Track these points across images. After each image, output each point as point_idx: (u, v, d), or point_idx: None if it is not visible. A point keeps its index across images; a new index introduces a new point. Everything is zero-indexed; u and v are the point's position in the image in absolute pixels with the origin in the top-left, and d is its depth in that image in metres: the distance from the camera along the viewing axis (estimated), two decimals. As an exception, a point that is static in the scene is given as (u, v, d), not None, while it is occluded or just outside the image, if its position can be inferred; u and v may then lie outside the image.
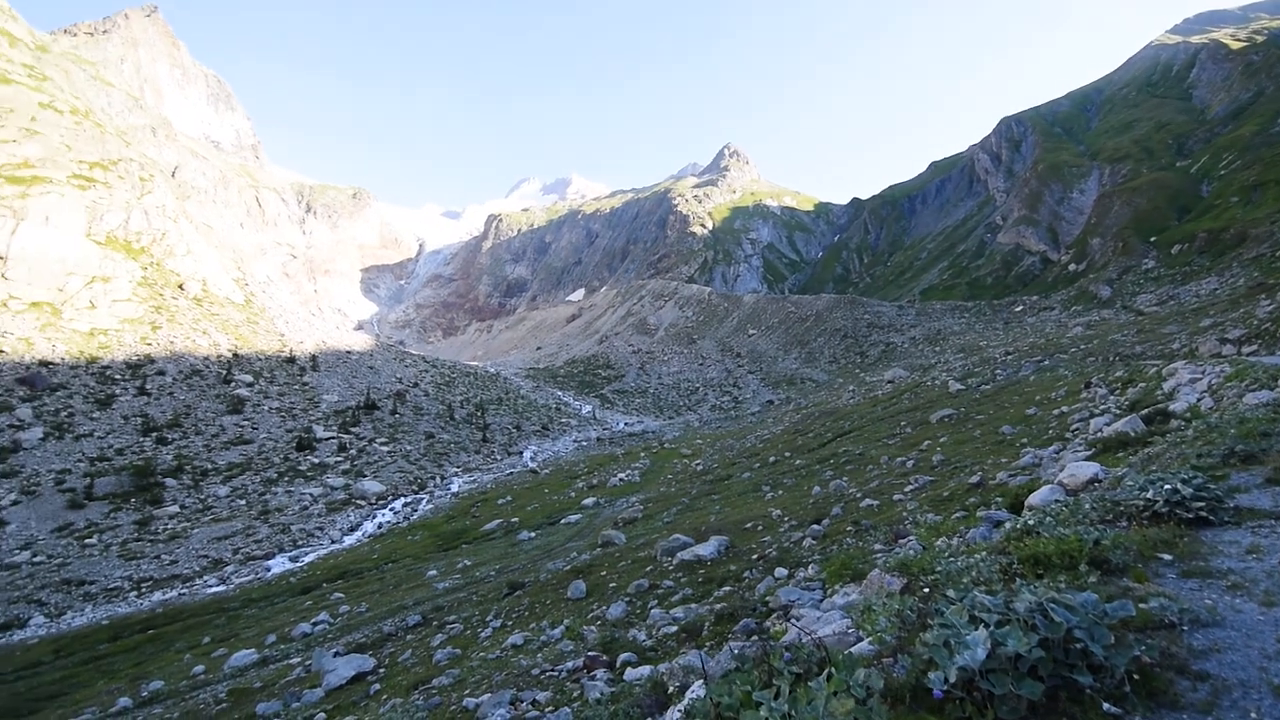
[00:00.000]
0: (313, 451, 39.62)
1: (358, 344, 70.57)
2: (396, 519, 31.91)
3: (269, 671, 12.76)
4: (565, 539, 20.61)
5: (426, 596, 16.33)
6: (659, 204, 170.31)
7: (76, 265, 48.81)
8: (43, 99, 60.92)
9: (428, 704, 7.70)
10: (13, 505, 29.36)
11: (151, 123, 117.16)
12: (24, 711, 13.92)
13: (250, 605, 19.78)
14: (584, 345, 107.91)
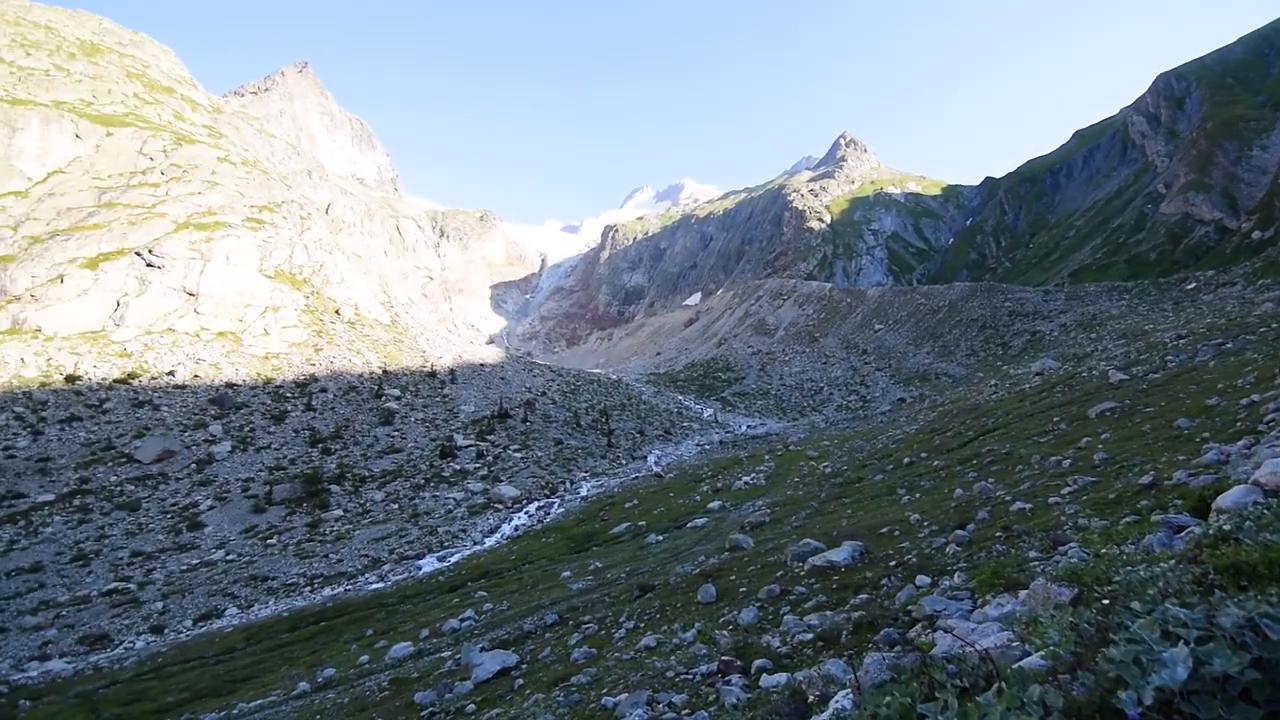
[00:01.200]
0: (454, 459, 42.34)
1: (490, 357, 74.74)
2: (531, 522, 33.37)
3: (424, 663, 13.69)
4: (692, 542, 20.60)
5: (562, 597, 16.90)
6: (773, 201, 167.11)
7: (252, 297, 55.35)
8: (219, 154, 69.67)
9: (568, 700, 7.95)
10: (209, 510, 33.70)
11: (307, 166, 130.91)
12: (224, 691, 15.84)
13: (405, 601, 21.40)
14: (703, 349, 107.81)
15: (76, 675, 18.62)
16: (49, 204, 54.60)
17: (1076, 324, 60.80)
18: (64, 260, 49.51)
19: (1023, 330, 66.74)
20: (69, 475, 34.93)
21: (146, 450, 37.69)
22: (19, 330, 44.62)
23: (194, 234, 55.48)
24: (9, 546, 29.34)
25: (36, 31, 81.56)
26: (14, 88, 66.75)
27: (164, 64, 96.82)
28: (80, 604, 25.41)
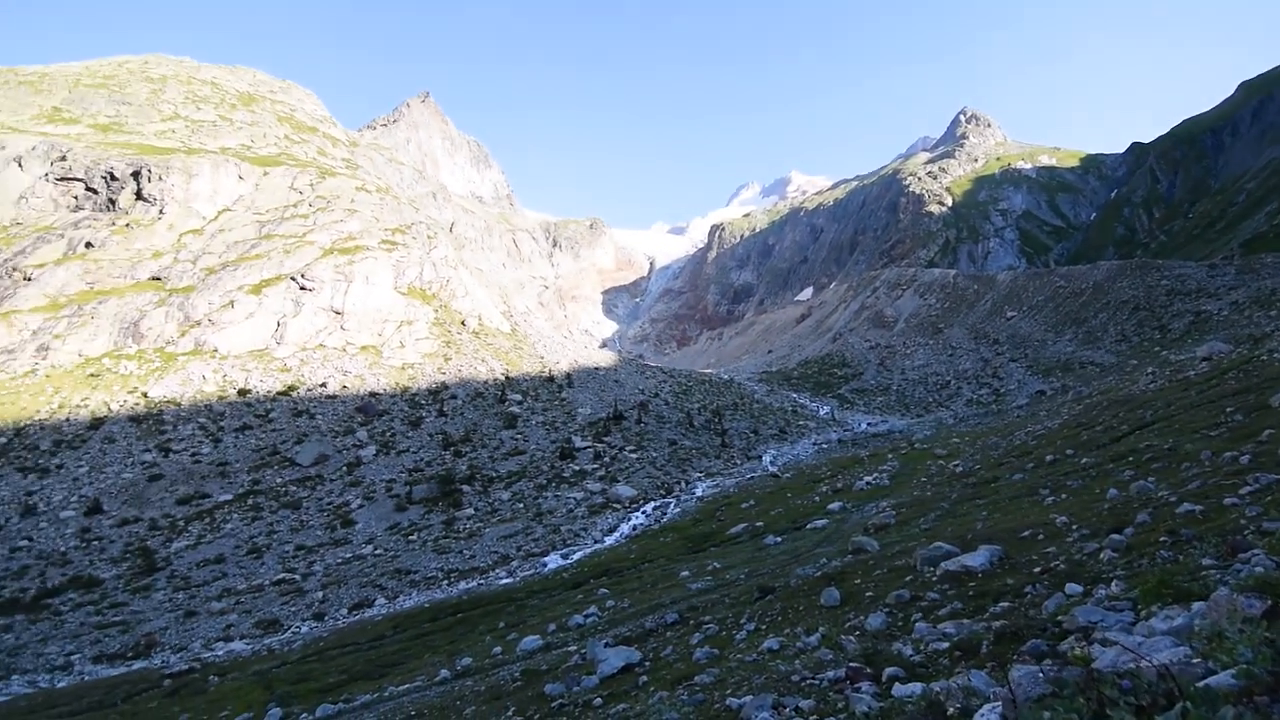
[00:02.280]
0: (573, 460, 43.74)
1: (603, 360, 76.54)
2: (648, 521, 33.82)
3: (552, 656, 14.23)
4: (813, 544, 20.06)
5: (681, 596, 17.00)
6: (887, 188, 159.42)
7: (389, 313, 60.00)
8: (357, 184, 75.98)
9: (692, 699, 7.99)
10: (359, 508, 36.85)
11: (432, 189, 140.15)
12: (375, 674, 17.24)
13: (533, 596, 22.35)
14: (816, 345, 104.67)
15: (254, 655, 20.91)
16: (220, 239, 61.93)
17: (1250, 301, 53.42)
18: (234, 288, 55.94)
19: (1184, 311, 59.53)
20: (243, 477, 39.44)
21: (305, 454, 41.84)
22: (200, 351, 50.92)
23: (338, 258, 60.94)
24: (197, 540, 33.56)
25: (204, 88, 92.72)
26: (189, 139, 76.20)
27: (307, 106, 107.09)
28: (255, 592, 28.60)
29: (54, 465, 38.42)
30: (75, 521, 34.41)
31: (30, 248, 55.87)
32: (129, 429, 42.09)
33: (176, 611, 27.07)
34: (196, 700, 16.58)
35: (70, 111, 77.40)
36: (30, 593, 28.75)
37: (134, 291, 54.24)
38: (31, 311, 50.43)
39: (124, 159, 64.64)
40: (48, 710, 17.37)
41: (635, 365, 79.32)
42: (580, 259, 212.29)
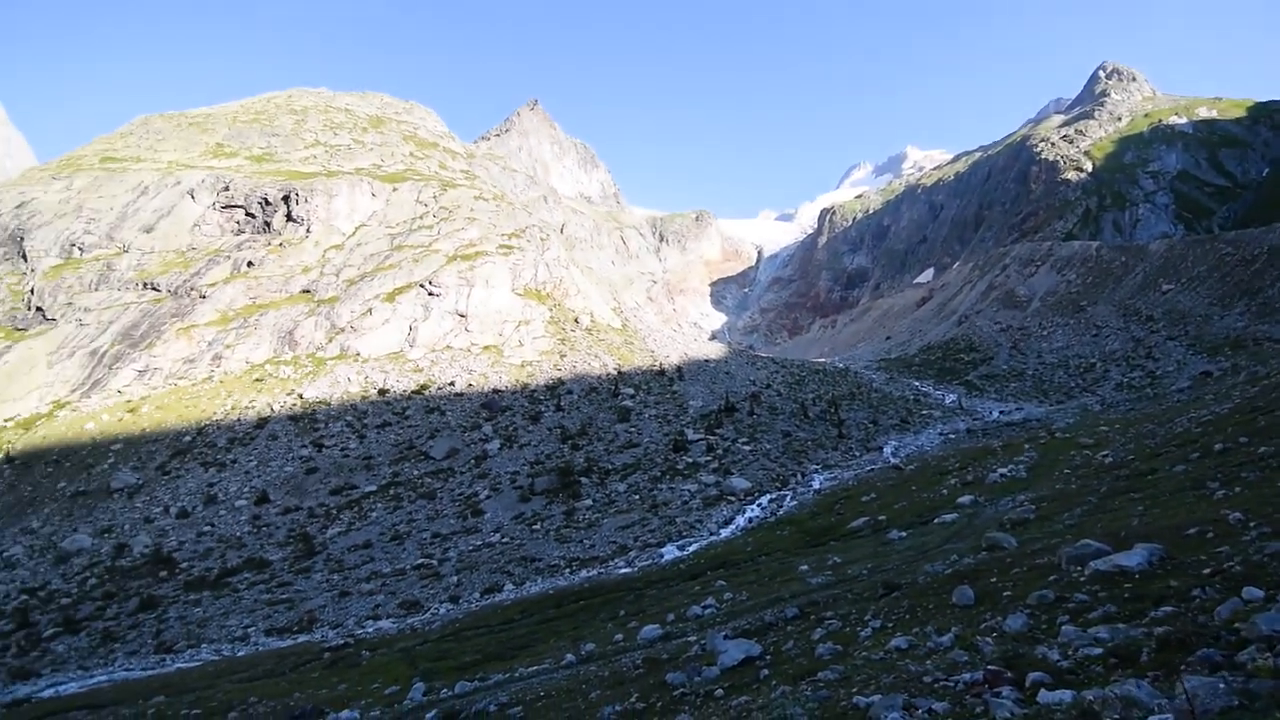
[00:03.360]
0: (686, 452, 44.00)
1: (713, 353, 76.29)
2: (764, 514, 33.43)
3: (672, 646, 14.45)
4: (941, 540, 19.05)
5: (800, 591, 16.71)
6: (1015, 156, 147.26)
7: (508, 314, 62.96)
8: (475, 193, 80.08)
9: (816, 695, 7.88)
10: (487, 499, 39.04)
11: (543, 193, 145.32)
12: (506, 655, 18.23)
13: (651, 586, 22.77)
14: (939, 329, 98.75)
15: (399, 633, 22.72)
16: (358, 252, 67.46)
17: None
18: (371, 296, 60.81)
19: (1399, 274, 50.79)
20: (385, 470, 42.89)
21: (438, 449, 44.86)
22: (345, 355, 55.82)
23: (460, 264, 64.67)
24: (348, 527, 36.91)
25: (339, 115, 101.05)
26: (329, 162, 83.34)
27: (429, 124, 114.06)
28: (398, 575, 31.06)
29: (229, 460, 43.59)
30: (247, 510, 38.90)
31: (204, 269, 63.51)
32: (289, 427, 46.94)
33: (332, 591, 29.94)
34: (351, 672, 18.26)
35: (230, 146, 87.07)
36: (214, 572, 32.84)
37: (288, 304, 60.34)
38: (207, 325, 57.38)
39: (275, 185, 71.90)
40: (231, 675, 19.79)
41: (745, 356, 78.42)
42: (687, 252, 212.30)
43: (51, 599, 31.57)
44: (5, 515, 39.61)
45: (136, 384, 52.15)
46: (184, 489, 40.96)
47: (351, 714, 13.06)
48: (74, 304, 59.78)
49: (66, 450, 44.80)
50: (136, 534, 36.81)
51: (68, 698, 20.30)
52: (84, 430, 46.62)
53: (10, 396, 51.31)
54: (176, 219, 69.39)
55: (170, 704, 16.98)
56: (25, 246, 65.47)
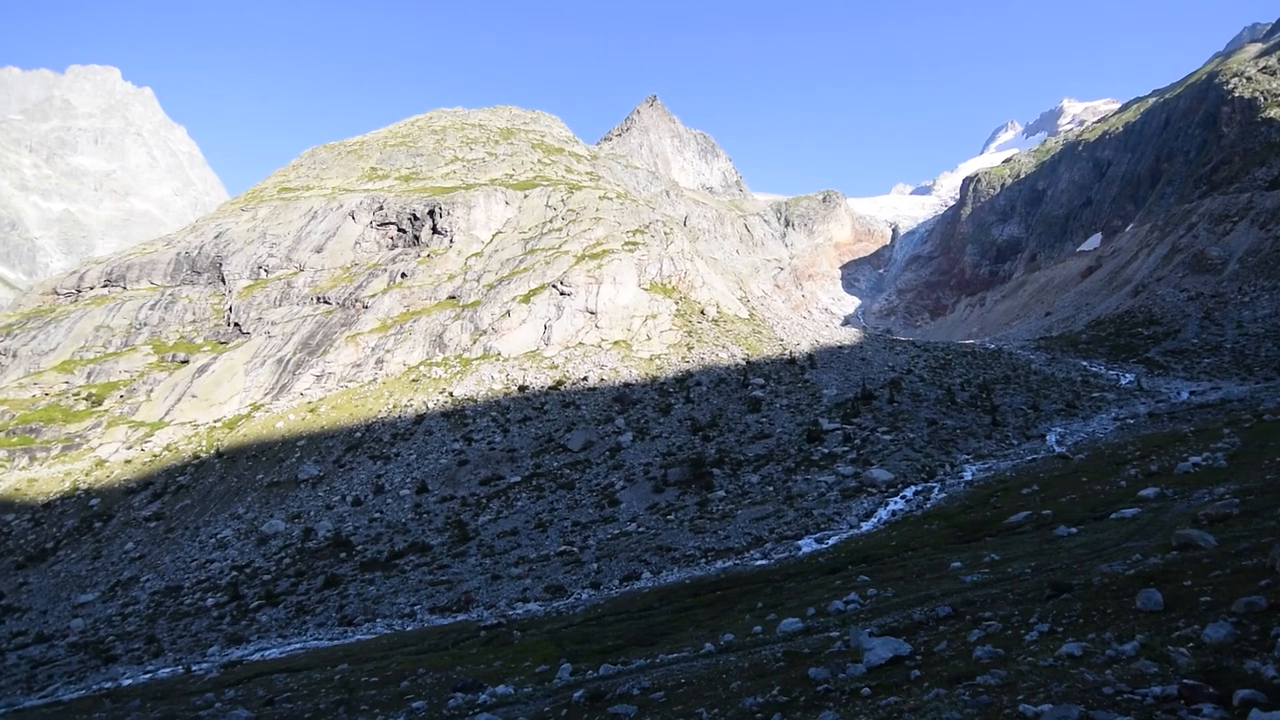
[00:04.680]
0: (821, 442, 42.63)
1: (847, 338, 73.25)
2: (909, 507, 31.67)
3: (813, 641, 14.08)
4: (1120, 537, 17.06)
5: (953, 589, 15.65)
6: (1200, 97, 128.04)
7: (635, 309, 64.16)
8: (599, 193, 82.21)
9: (975, 701, 7.35)
10: (622, 489, 40.08)
11: (665, 188, 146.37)
12: (647, 641, 18.62)
13: (789, 579, 22.32)
14: (1110, 301, 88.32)
15: (545, 616, 23.90)
16: (495, 258, 71.58)
17: None
18: (508, 299, 64.35)
19: None
20: (527, 462, 45.29)
21: (574, 441, 46.70)
22: (488, 355, 59.52)
23: (589, 263, 66.76)
24: (497, 515, 39.37)
25: (474, 130, 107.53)
26: (466, 176, 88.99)
27: (554, 130, 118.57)
28: (543, 561, 32.70)
29: (393, 454, 47.98)
30: (410, 498, 42.63)
31: (365, 282, 70.23)
32: (442, 423, 50.87)
33: (485, 575, 32.09)
34: (505, 650, 19.46)
35: (382, 169, 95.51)
36: (384, 554, 36.31)
37: (437, 310, 65.32)
38: (370, 333, 63.45)
39: (421, 201, 77.96)
40: (402, 648, 21.78)
41: (883, 341, 74.50)
42: (815, 235, 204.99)
43: (255, 575, 36.42)
44: (218, 502, 46.24)
45: (315, 387, 58.78)
46: (357, 479, 45.64)
47: (507, 688, 13.92)
48: (263, 319, 68.39)
49: (262, 446, 51.43)
50: (320, 519, 41.54)
51: (271, 661, 23.31)
52: (275, 429, 53.27)
53: (217, 401, 59.72)
54: (341, 238, 77.24)
55: (353, 671, 18.98)
56: (223, 271, 75.80)
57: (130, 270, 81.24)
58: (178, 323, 72.20)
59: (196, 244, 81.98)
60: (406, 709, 13.83)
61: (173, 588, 37.02)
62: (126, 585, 38.84)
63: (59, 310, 77.85)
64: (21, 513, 50.11)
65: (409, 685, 16.63)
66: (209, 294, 75.30)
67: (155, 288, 78.00)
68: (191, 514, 45.92)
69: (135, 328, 72.28)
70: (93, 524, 47.37)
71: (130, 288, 79.08)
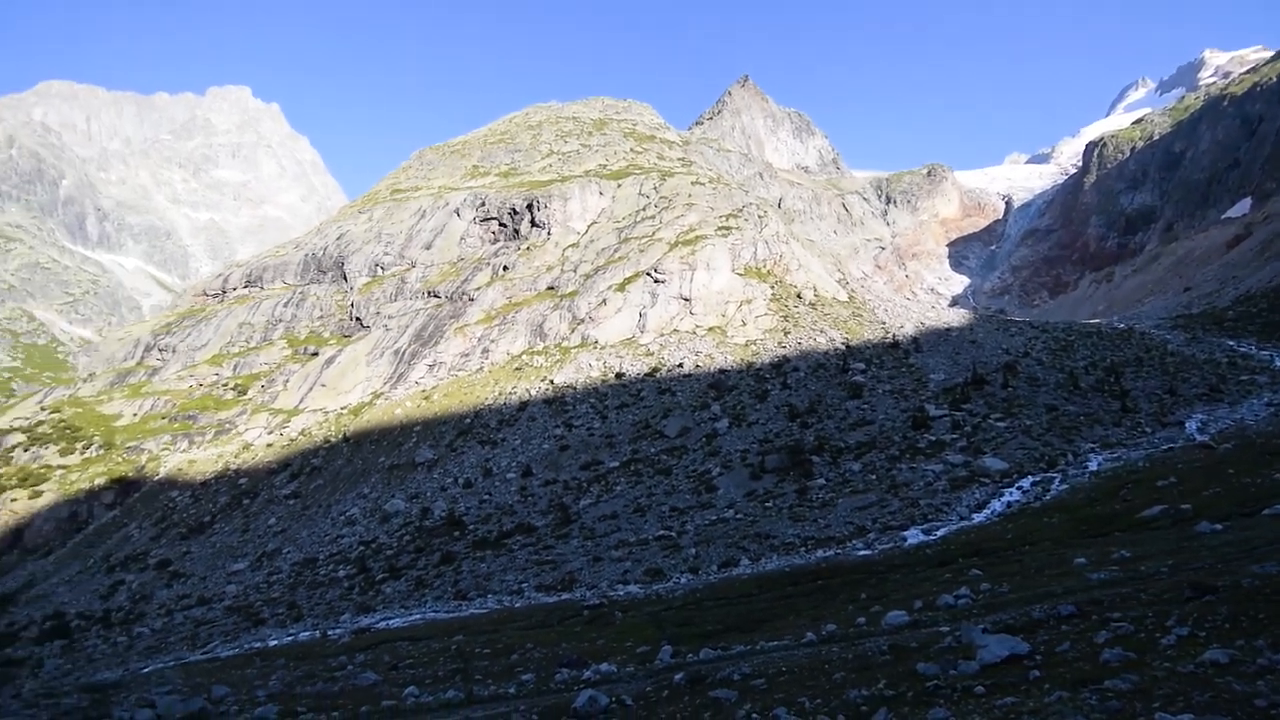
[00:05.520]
0: (928, 429, 40.83)
1: (955, 320, 69.49)
2: (1026, 499, 29.85)
3: (920, 635, 13.67)
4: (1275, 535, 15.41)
5: (1077, 586, 14.73)
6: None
7: (730, 295, 63.64)
8: (691, 179, 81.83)
9: (1104, 706, 6.99)
10: (719, 475, 40.13)
11: (758, 170, 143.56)
12: (746, 628, 18.70)
13: (894, 571, 21.68)
14: (1261, 274, 78.69)
15: (645, 598, 24.45)
16: (591, 248, 72.99)
17: None
18: (604, 288, 65.54)
19: None
20: (625, 448, 46.19)
21: (671, 427, 47.15)
22: (586, 344, 60.99)
23: (682, 250, 66.81)
24: (597, 499, 40.48)
25: (568, 124, 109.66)
26: (562, 169, 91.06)
27: (646, 118, 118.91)
28: (642, 545, 33.37)
29: (499, 439, 50.28)
30: (516, 482, 44.60)
31: (470, 276, 73.61)
32: (544, 409, 52.75)
33: (587, 556, 33.16)
34: (607, 630, 20.13)
35: (483, 166, 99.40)
36: (494, 534, 38.25)
37: (537, 301, 67.54)
38: (476, 324, 66.57)
39: (520, 195, 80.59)
40: (511, 623, 22.98)
41: (996, 321, 70.04)
42: (919, 212, 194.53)
43: (380, 550, 39.39)
44: (346, 482, 50.25)
45: (428, 376, 62.46)
46: (467, 463, 48.22)
47: (610, 667, 14.45)
48: (380, 313, 73.27)
49: (383, 431, 55.32)
50: (435, 500, 44.29)
51: (395, 630, 25.23)
52: (394, 415, 57.12)
53: (343, 389, 64.70)
54: (447, 235, 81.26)
55: (468, 641, 20.26)
56: (345, 269, 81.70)
57: (266, 272, 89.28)
58: (307, 318, 78.72)
59: (321, 245, 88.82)
60: (516, 680, 14.63)
61: (309, 559, 40.70)
62: (271, 556, 43.09)
63: (208, 310, 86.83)
64: (184, 490, 56.62)
65: (518, 658, 17.56)
66: (333, 291, 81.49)
67: (287, 287, 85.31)
68: (324, 493, 50.21)
69: (272, 324, 79.49)
70: (242, 501, 52.81)
71: (266, 287, 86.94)
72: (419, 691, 14.69)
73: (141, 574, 45.91)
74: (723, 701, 10.00)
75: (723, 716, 9.38)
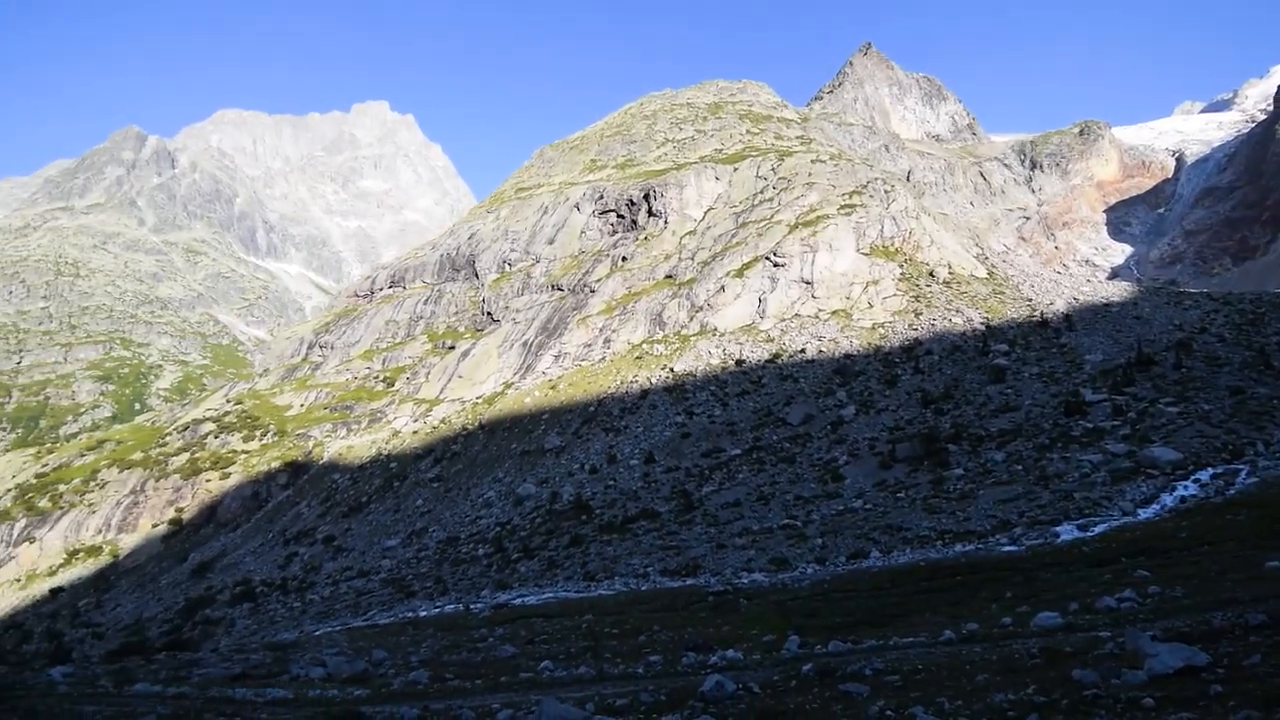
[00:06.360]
0: (1083, 416, 37.19)
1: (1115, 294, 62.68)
2: (1204, 493, 26.47)
3: (1076, 639, 12.63)
4: None
5: (1269, 593, 12.96)
6: None
7: (854, 276, 61.11)
8: (811, 157, 79.09)
9: (1302, 728, 6.15)
10: (845, 464, 38.82)
11: (884, 142, 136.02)
12: (877, 622, 18.05)
13: (1043, 569, 20.07)
14: None
15: (770, 587, 24.24)
16: (708, 234, 72.66)
17: None
18: (722, 275, 65.08)
19: None
20: (747, 435, 45.81)
21: (794, 415, 46.17)
22: (704, 331, 60.96)
23: (802, 231, 64.92)
24: (719, 486, 40.50)
25: (682, 110, 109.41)
26: (677, 156, 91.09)
27: (762, 97, 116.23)
28: (765, 534, 33.03)
29: (622, 426, 51.54)
30: (639, 468, 45.56)
31: (591, 268, 75.69)
32: (664, 397, 53.42)
33: (711, 543, 33.32)
34: (732, 617, 20.18)
35: (600, 160, 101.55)
36: (619, 518, 39.36)
37: (655, 289, 68.30)
38: (598, 315, 68.45)
39: (636, 186, 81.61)
40: (638, 605, 23.61)
41: (1165, 294, 62.31)
42: (1070, 176, 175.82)
43: (514, 531, 41.76)
44: (483, 467, 53.63)
45: (554, 366, 65.12)
46: (592, 449, 49.89)
47: (735, 653, 14.52)
48: (509, 307, 77.19)
49: (515, 419, 58.43)
50: (564, 485, 46.24)
51: (529, 606, 26.71)
52: (524, 404, 60.15)
53: (477, 380, 68.93)
54: (569, 229, 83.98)
55: (597, 621, 21.08)
56: (476, 267, 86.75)
57: (407, 273, 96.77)
58: (444, 314, 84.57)
59: (454, 246, 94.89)
60: (644, 661, 15.04)
61: (452, 538, 43.93)
62: (419, 534, 46.95)
63: (359, 309, 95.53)
64: (344, 473, 62.91)
65: (645, 640, 18.05)
66: (466, 288, 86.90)
67: (426, 286, 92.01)
68: (463, 477, 53.93)
69: (414, 320, 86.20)
70: (393, 483, 57.87)
71: (408, 287, 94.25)
72: (553, 666, 15.52)
73: (311, 547, 51.64)
74: (854, 696, 9.77)
75: (854, 711, 9.16)
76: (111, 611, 52.84)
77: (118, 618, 50.55)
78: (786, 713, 9.45)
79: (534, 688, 13.55)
